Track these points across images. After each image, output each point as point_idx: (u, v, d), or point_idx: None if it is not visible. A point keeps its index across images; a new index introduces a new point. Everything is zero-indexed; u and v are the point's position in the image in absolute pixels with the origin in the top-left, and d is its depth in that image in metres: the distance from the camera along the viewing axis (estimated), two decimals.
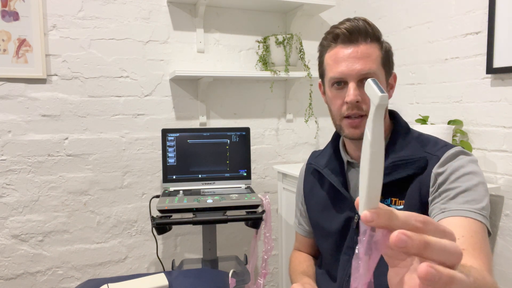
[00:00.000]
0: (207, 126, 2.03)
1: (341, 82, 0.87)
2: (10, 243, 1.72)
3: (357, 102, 0.84)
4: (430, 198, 0.82)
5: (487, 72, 1.41)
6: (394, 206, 0.86)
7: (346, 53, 0.85)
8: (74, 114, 1.79)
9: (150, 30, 1.88)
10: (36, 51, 1.68)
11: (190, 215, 1.51)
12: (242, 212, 1.59)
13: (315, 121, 2.23)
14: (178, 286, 1.14)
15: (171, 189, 1.73)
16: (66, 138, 1.78)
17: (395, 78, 0.95)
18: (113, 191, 1.87)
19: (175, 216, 1.53)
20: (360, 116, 0.86)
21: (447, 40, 1.58)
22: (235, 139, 1.81)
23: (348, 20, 0.87)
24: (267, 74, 1.95)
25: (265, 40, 2.01)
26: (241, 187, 1.77)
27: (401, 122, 0.94)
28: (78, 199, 1.82)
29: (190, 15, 1.95)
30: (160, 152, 1.88)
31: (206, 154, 1.78)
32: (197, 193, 1.67)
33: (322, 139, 2.26)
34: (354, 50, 0.84)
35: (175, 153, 1.75)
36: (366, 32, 0.84)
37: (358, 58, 0.84)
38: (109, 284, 1.13)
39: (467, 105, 1.51)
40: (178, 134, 1.76)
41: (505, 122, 1.38)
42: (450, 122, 1.54)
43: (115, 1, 1.81)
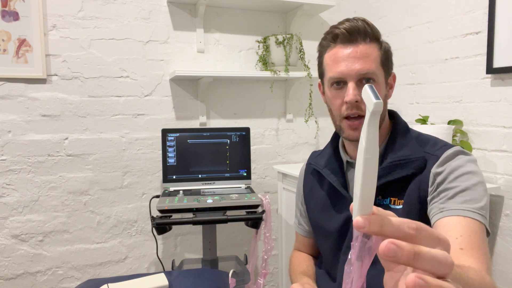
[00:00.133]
0: (207, 126, 2.03)
1: (340, 82, 0.87)
2: (10, 243, 1.73)
3: (356, 102, 0.84)
4: (429, 197, 0.82)
5: (487, 72, 1.40)
6: (393, 206, 0.86)
7: (346, 53, 0.85)
8: (74, 114, 1.79)
9: (150, 30, 1.88)
10: (36, 51, 1.68)
11: (190, 215, 1.51)
12: (242, 212, 1.59)
13: (315, 121, 2.23)
14: (178, 286, 1.14)
15: (171, 189, 1.73)
16: (66, 138, 1.78)
17: (395, 78, 0.95)
18: (113, 191, 1.88)
19: (175, 216, 1.53)
20: (359, 116, 0.86)
21: (447, 40, 1.58)
22: (235, 139, 1.81)
23: (347, 20, 0.87)
24: (267, 74, 1.95)
25: (265, 40, 2.01)
26: (241, 187, 1.77)
27: (400, 122, 0.94)
28: (78, 199, 1.82)
29: (190, 15, 1.95)
30: (160, 152, 1.88)
31: (206, 154, 1.78)
32: (197, 193, 1.67)
33: (322, 139, 2.26)
34: (354, 50, 0.84)
35: (175, 153, 1.75)
36: (366, 32, 0.84)
37: (357, 58, 0.84)
38: (109, 284, 1.13)
39: (467, 105, 1.51)
40: (178, 134, 1.76)
41: (505, 122, 1.38)
42: (450, 122, 1.54)
43: (115, 1, 1.81)
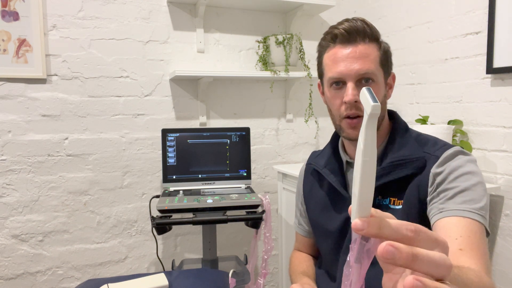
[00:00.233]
0: (207, 126, 2.03)
1: (339, 82, 0.87)
2: (10, 243, 1.73)
3: (355, 102, 0.84)
4: (429, 198, 0.82)
5: (487, 72, 1.40)
6: (393, 206, 0.86)
7: (345, 53, 0.85)
8: (74, 114, 1.79)
9: (150, 30, 1.88)
10: (36, 51, 1.69)
11: (190, 215, 1.51)
12: (242, 212, 1.59)
13: (315, 121, 2.23)
14: (178, 286, 1.14)
15: (171, 189, 1.73)
16: (66, 138, 1.78)
17: (394, 78, 0.95)
18: (113, 191, 1.88)
19: (175, 216, 1.53)
20: (359, 116, 0.86)
21: (447, 40, 1.58)
22: (235, 139, 1.81)
23: (346, 20, 0.87)
24: (267, 74, 1.95)
25: (265, 40, 2.01)
26: (241, 187, 1.77)
27: (400, 122, 0.94)
28: (78, 199, 1.82)
29: (190, 15, 1.95)
30: (160, 152, 1.88)
31: (206, 154, 1.78)
32: (197, 193, 1.67)
33: (322, 139, 2.26)
34: (353, 50, 0.84)
35: (175, 153, 1.75)
36: (365, 32, 0.84)
37: (356, 58, 0.84)
38: (109, 284, 1.13)
39: (467, 105, 1.51)
40: (178, 134, 1.76)
41: (505, 122, 1.38)
42: (450, 122, 1.54)
43: (115, 1, 1.81)
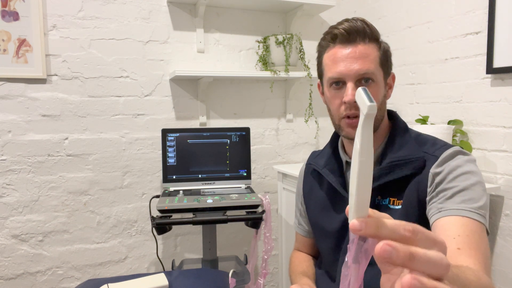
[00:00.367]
0: (207, 126, 2.03)
1: (339, 82, 0.87)
2: (10, 243, 1.73)
3: (355, 102, 0.84)
4: (428, 197, 0.82)
5: (487, 72, 1.40)
6: (392, 206, 0.86)
7: (345, 53, 0.85)
8: (74, 114, 1.79)
9: (150, 30, 1.88)
10: (36, 51, 1.69)
11: (190, 215, 1.51)
12: (242, 212, 1.59)
13: (315, 121, 2.23)
14: (178, 286, 1.14)
15: (171, 189, 1.73)
16: (66, 138, 1.79)
17: (394, 78, 0.95)
18: (113, 191, 1.88)
19: (175, 216, 1.53)
20: (358, 116, 0.86)
21: (447, 40, 1.58)
22: (235, 139, 1.81)
23: (346, 20, 0.87)
24: (267, 74, 1.95)
25: (265, 40, 2.01)
26: (241, 187, 1.77)
27: (399, 122, 0.94)
28: (78, 199, 1.82)
29: (190, 15, 1.95)
30: (160, 152, 1.88)
31: (206, 154, 1.78)
32: (197, 193, 1.67)
33: (322, 139, 2.26)
34: (353, 50, 0.84)
35: (175, 153, 1.75)
36: (364, 32, 0.84)
37: (356, 58, 0.84)
38: (109, 284, 1.13)
39: (467, 105, 1.51)
40: (178, 134, 1.76)
41: (505, 122, 1.38)
42: (450, 122, 1.54)
43: (115, 1, 1.81)
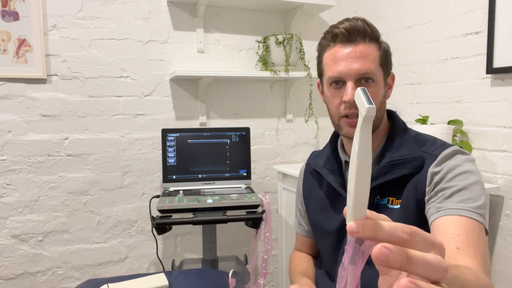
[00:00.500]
0: (207, 126, 2.03)
1: (339, 82, 0.87)
2: (10, 243, 1.73)
3: (354, 101, 0.84)
4: (427, 197, 0.82)
5: (487, 72, 1.40)
6: (391, 205, 0.86)
7: (345, 52, 0.85)
8: (74, 114, 1.79)
9: (150, 30, 1.88)
10: (36, 51, 1.69)
11: (190, 215, 1.51)
12: (242, 212, 1.59)
13: (315, 121, 2.23)
14: (178, 286, 1.14)
15: (171, 189, 1.73)
16: (66, 138, 1.78)
17: (394, 78, 0.95)
18: (113, 191, 1.88)
19: (175, 216, 1.53)
20: (358, 115, 0.86)
21: (447, 40, 1.58)
22: (235, 139, 1.81)
23: (347, 20, 0.87)
24: (267, 74, 1.95)
25: (265, 40, 2.01)
26: (241, 187, 1.77)
27: (398, 121, 0.94)
28: (78, 199, 1.82)
29: (190, 15, 1.95)
30: (160, 152, 1.88)
31: (206, 154, 1.78)
32: (197, 193, 1.67)
33: (322, 139, 2.26)
34: (353, 49, 0.84)
35: (175, 153, 1.75)
36: (365, 32, 0.84)
37: (356, 58, 0.84)
38: (109, 284, 1.13)
39: (467, 105, 1.51)
40: (178, 134, 1.76)
41: (505, 122, 1.38)
42: (450, 122, 1.54)
43: (115, 1, 1.81)
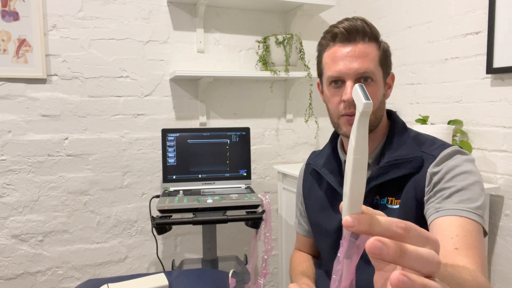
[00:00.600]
0: (207, 126, 2.03)
1: (338, 81, 0.87)
2: (10, 243, 1.73)
3: (354, 100, 0.84)
4: (426, 197, 0.82)
5: (487, 72, 1.40)
6: (390, 205, 0.86)
7: (344, 52, 0.85)
8: (74, 114, 1.79)
9: (150, 30, 1.88)
10: (36, 51, 1.69)
11: (190, 215, 1.51)
12: (242, 212, 1.59)
13: (315, 121, 2.23)
14: (178, 286, 1.14)
15: (171, 189, 1.73)
16: (66, 138, 1.79)
17: (393, 78, 0.95)
18: (113, 191, 1.88)
19: (175, 216, 1.53)
20: None
21: (447, 40, 1.58)
22: (235, 139, 1.81)
23: (346, 19, 0.87)
24: (267, 74, 1.95)
25: (265, 40, 2.01)
26: (241, 187, 1.77)
27: (398, 121, 0.94)
28: (78, 199, 1.82)
29: (190, 15, 1.95)
30: (160, 152, 1.88)
31: (206, 154, 1.78)
32: (197, 193, 1.67)
33: (322, 139, 2.25)
34: (352, 49, 0.84)
35: (175, 153, 1.75)
36: (364, 31, 0.84)
37: (355, 57, 0.84)
38: (109, 284, 1.13)
39: (467, 105, 1.51)
40: (178, 134, 1.76)
41: (505, 122, 1.38)
42: (450, 122, 1.54)
43: (115, 1, 1.81)
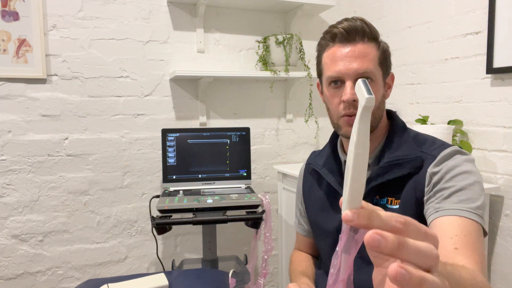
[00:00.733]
0: (207, 126, 2.03)
1: (338, 81, 0.87)
2: (10, 243, 1.73)
3: (353, 101, 0.84)
4: (425, 197, 0.82)
5: (487, 72, 1.40)
6: (390, 206, 0.86)
7: (344, 52, 0.85)
8: (74, 114, 1.79)
9: (150, 30, 1.88)
10: (36, 51, 1.69)
11: (190, 215, 1.51)
12: (242, 212, 1.59)
13: (315, 121, 2.23)
14: (178, 286, 1.14)
15: (171, 189, 1.73)
16: (66, 138, 1.79)
17: (393, 78, 0.95)
18: (113, 191, 1.88)
19: (175, 216, 1.53)
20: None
21: (447, 40, 1.58)
22: (235, 139, 1.81)
23: (346, 19, 0.87)
24: (267, 74, 1.95)
25: (265, 40, 2.01)
26: (241, 187, 1.77)
27: (398, 121, 0.94)
28: (78, 199, 1.82)
29: (190, 15, 1.95)
30: (160, 152, 1.88)
31: (206, 154, 1.79)
32: (197, 193, 1.67)
33: (322, 139, 2.25)
34: (352, 49, 0.84)
35: (175, 153, 1.75)
36: (364, 31, 0.84)
37: (355, 57, 0.84)
38: (109, 284, 1.13)
39: (467, 105, 1.51)
40: (178, 134, 1.76)
41: (505, 122, 1.38)
42: (450, 122, 1.54)
43: (115, 1, 1.81)
